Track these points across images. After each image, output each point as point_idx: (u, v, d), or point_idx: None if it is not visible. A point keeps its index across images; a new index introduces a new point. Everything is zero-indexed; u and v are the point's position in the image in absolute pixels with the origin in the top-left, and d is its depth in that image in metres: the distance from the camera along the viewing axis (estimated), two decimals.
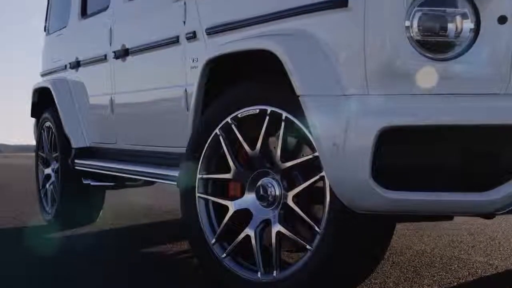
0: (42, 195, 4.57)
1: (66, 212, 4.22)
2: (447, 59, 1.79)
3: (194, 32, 2.71)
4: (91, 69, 3.90)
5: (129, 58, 3.36)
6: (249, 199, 2.29)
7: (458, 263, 2.98)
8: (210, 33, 2.59)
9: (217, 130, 2.35)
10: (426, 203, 1.77)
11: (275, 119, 2.15)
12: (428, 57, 1.79)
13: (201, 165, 2.42)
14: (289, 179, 2.17)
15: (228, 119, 2.31)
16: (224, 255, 2.32)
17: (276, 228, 2.17)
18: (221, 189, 2.44)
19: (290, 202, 2.14)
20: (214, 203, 2.42)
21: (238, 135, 2.29)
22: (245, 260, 2.32)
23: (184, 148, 2.53)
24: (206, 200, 2.43)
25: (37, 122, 4.66)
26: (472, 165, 1.75)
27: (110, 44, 3.56)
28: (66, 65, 4.23)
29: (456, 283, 2.63)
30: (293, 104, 1.97)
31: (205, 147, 2.40)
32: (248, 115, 2.25)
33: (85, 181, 3.96)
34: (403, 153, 1.77)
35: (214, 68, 2.41)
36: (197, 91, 2.46)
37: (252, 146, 2.25)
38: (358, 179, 1.78)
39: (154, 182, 3.68)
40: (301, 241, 2.10)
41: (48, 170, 4.47)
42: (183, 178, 2.49)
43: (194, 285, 2.72)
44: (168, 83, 2.98)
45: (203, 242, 2.40)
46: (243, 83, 2.32)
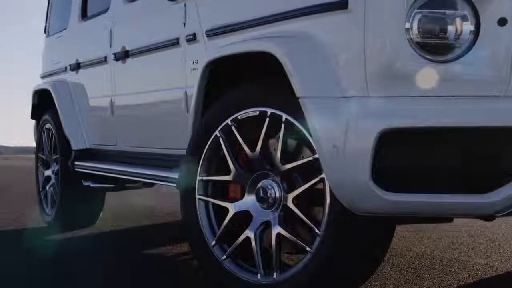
0: (42, 197, 4.56)
1: (66, 214, 4.21)
2: (447, 61, 1.79)
3: (194, 34, 2.71)
4: (91, 71, 3.90)
5: (129, 60, 3.36)
6: (249, 201, 2.28)
7: (458, 265, 2.98)
8: (210, 35, 2.59)
9: (217, 132, 2.35)
10: (426, 205, 1.77)
11: (275, 121, 2.14)
12: (428, 59, 1.79)
13: (201, 167, 2.41)
14: (289, 181, 2.17)
15: (228, 121, 2.31)
16: (224, 257, 2.32)
17: (276, 230, 2.17)
18: (221, 191, 2.44)
19: (290, 204, 2.13)
20: (214, 205, 2.41)
21: (238, 137, 2.29)
22: (245, 262, 2.32)
23: (184, 150, 2.53)
24: (206, 202, 2.43)
25: (37, 124, 4.66)
26: (472, 167, 1.75)
27: (110, 46, 3.56)
28: (66, 67, 4.23)
29: (456, 285, 2.62)
30: (293, 106, 1.97)
31: (205, 149, 2.40)
32: (248, 117, 2.25)
33: (85, 183, 3.96)
34: (403, 155, 1.77)
35: (214, 70, 2.41)
36: (197, 93, 2.46)
37: (252, 148, 2.25)
38: (358, 181, 1.78)
39: (154, 184, 3.68)
40: (301, 243, 2.10)
41: (48, 172, 4.46)
42: (183, 180, 2.49)
43: (194, 287, 2.72)
44: (168, 85, 2.97)
45: (203, 244, 2.40)
46: (243, 85, 2.32)
